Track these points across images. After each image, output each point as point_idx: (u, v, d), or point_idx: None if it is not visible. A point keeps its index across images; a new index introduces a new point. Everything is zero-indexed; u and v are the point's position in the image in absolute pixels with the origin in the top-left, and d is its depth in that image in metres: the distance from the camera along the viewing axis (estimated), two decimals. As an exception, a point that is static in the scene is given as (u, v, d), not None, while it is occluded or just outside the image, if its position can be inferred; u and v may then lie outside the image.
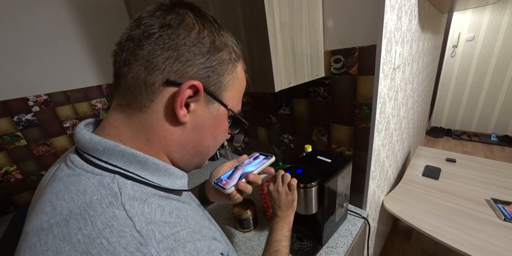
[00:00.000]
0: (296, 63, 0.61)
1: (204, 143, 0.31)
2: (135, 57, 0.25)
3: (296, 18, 0.59)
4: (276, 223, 0.50)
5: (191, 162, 0.33)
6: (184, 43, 0.26)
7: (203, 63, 0.27)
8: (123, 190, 0.23)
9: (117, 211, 0.21)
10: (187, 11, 0.27)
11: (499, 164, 1.22)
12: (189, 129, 0.29)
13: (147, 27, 0.25)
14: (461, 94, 2.82)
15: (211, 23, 0.28)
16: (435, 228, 0.83)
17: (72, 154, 0.27)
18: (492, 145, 2.57)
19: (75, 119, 1.17)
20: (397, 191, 1.06)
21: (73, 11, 1.10)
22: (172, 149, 0.29)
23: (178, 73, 0.26)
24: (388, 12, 0.62)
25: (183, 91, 0.26)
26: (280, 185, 0.53)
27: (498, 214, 0.85)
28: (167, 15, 0.26)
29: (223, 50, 0.29)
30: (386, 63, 0.69)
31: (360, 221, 0.77)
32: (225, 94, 0.30)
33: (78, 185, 0.23)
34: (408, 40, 0.91)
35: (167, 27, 0.26)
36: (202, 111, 0.29)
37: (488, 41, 2.48)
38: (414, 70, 1.15)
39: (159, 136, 0.28)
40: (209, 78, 0.28)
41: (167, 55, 0.25)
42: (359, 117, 0.72)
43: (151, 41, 0.25)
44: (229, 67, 0.30)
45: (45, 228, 0.21)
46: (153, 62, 0.25)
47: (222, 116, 0.31)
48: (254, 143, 1.22)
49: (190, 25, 0.26)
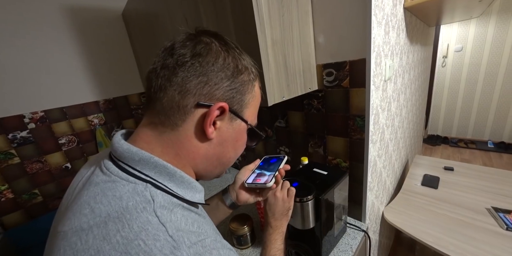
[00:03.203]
0: (289, 77, 0.63)
1: (227, 155, 0.35)
2: (170, 83, 0.28)
3: (287, 35, 0.61)
4: (269, 235, 0.49)
5: (213, 171, 0.37)
6: (213, 69, 0.29)
7: (228, 85, 0.30)
8: (155, 198, 0.25)
9: (150, 217, 0.23)
10: (212, 40, 0.30)
11: (497, 171, 1.22)
12: (215, 143, 0.32)
13: (180, 56, 0.29)
14: (455, 102, 2.88)
15: (233, 50, 0.32)
16: (437, 240, 0.81)
17: (107, 160, 0.29)
18: (490, 152, 2.57)
19: (71, 136, 1.16)
20: (396, 202, 1.05)
21: (71, 29, 1.14)
22: (198, 162, 0.32)
23: (207, 96, 0.29)
24: (376, 28, 0.65)
25: (212, 112, 0.29)
26: (278, 190, 0.53)
27: (500, 223, 0.84)
28: (197, 45, 0.29)
29: (244, 72, 0.32)
30: (376, 76, 0.71)
31: (360, 234, 0.75)
32: (246, 111, 0.34)
33: (114, 191, 0.25)
34: (398, 53, 0.95)
35: (198, 56, 0.29)
36: (227, 127, 0.32)
37: (476, 51, 2.59)
38: (406, 81, 1.18)
39: (187, 151, 0.31)
40: (233, 99, 0.31)
41: (199, 81, 0.28)
42: (353, 129, 0.72)
43: (184, 69, 0.28)
44: (249, 87, 0.33)
45: (85, 228, 0.22)
46: (186, 87, 0.28)
47: (242, 130, 0.35)
48: (252, 156, 1.21)
49: (217, 53, 0.30)
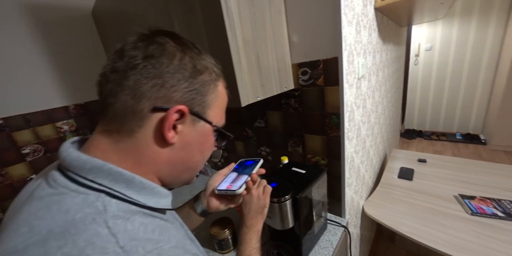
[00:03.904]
0: (263, 77, 0.62)
1: (193, 159, 0.34)
2: (121, 88, 0.27)
3: (260, 34, 0.61)
4: (244, 235, 0.48)
5: (180, 177, 0.35)
6: (168, 71, 0.28)
7: (187, 87, 0.29)
8: (108, 208, 0.24)
9: (100, 229, 0.22)
10: (167, 40, 0.29)
11: (464, 161, 1.31)
12: (178, 148, 0.31)
13: (131, 58, 0.27)
14: (427, 98, 3.06)
15: (190, 49, 0.30)
16: (412, 229, 0.85)
17: (54, 171, 0.27)
18: (458, 143, 2.77)
19: (37, 145, 1.07)
20: (375, 195, 1.09)
21: (35, 28, 1.05)
22: (161, 168, 0.31)
23: (165, 99, 0.28)
24: (346, 27, 0.66)
25: (170, 116, 0.27)
26: (254, 187, 0.52)
27: (465, 209, 0.90)
28: (149, 46, 0.28)
29: (204, 72, 0.31)
30: (349, 74, 0.72)
31: (340, 230, 0.77)
32: (209, 112, 0.32)
33: (60, 204, 0.23)
34: (371, 51, 0.98)
35: (151, 57, 0.27)
36: (189, 130, 0.31)
37: (443, 50, 2.78)
38: (380, 79, 1.23)
39: (148, 157, 0.29)
40: (193, 100, 0.30)
41: (153, 83, 0.27)
42: (330, 127, 0.73)
43: (136, 71, 0.27)
44: (211, 87, 0.32)
45: (20, 249, 0.20)
46: (140, 91, 0.27)
47: (207, 132, 0.34)
48: (233, 157, 1.20)
49: (171, 53, 0.28)
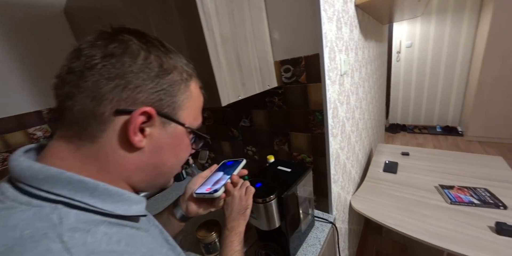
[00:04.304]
0: (244, 75, 0.61)
1: (166, 163, 0.32)
2: (79, 90, 0.25)
3: (239, 32, 0.59)
4: (225, 238, 0.47)
5: (154, 182, 0.33)
6: (131, 70, 0.26)
7: (153, 87, 0.27)
8: (64, 220, 0.22)
9: (53, 244, 0.20)
10: (131, 38, 0.27)
11: (444, 152, 1.37)
12: (148, 152, 0.29)
13: (89, 58, 0.25)
14: (409, 93, 3.18)
15: (157, 47, 0.29)
16: (397, 221, 0.87)
17: (3, 183, 0.25)
18: (438, 135, 2.91)
19: (6, 153, 0.99)
20: (362, 190, 1.11)
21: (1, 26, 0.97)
22: (130, 174, 0.29)
23: (129, 101, 0.26)
24: (326, 23, 0.66)
25: (135, 118, 0.26)
26: (237, 188, 0.51)
27: (445, 198, 0.94)
28: (109, 44, 0.26)
29: (173, 72, 0.29)
30: (332, 70, 0.72)
31: (328, 226, 0.77)
32: (181, 113, 0.31)
33: (7, 220, 0.21)
34: (353, 48, 0.99)
35: (111, 56, 0.25)
36: (159, 133, 0.29)
37: (422, 47, 2.89)
38: (363, 75, 1.25)
39: (114, 163, 0.27)
40: (161, 101, 0.28)
41: (114, 84, 0.25)
42: (314, 124, 0.73)
43: (95, 72, 0.25)
44: (181, 87, 0.30)
45: None
46: (100, 92, 0.25)
47: (180, 134, 0.32)
48: (220, 158, 1.18)
49: (135, 52, 0.26)
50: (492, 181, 1.02)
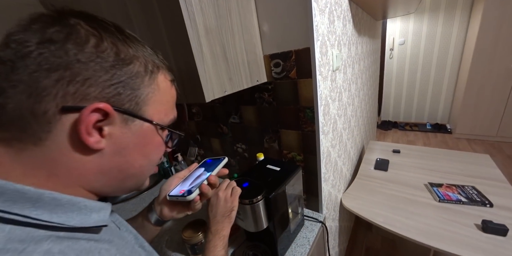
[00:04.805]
0: (231, 70, 0.57)
1: (134, 164, 0.29)
2: (10, 84, 0.21)
3: (224, 22, 0.55)
4: (209, 242, 0.44)
5: (122, 186, 0.30)
6: (77, 59, 0.22)
7: (108, 80, 0.24)
8: None
9: None
10: (78, 21, 0.23)
11: (433, 150, 1.38)
12: (109, 154, 0.25)
13: (20, 44, 0.21)
14: (401, 90, 3.21)
15: (111, 34, 0.25)
16: (387, 219, 0.87)
17: None
18: (428, 133, 2.97)
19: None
20: (353, 187, 1.11)
21: None
22: (90, 179, 0.26)
23: (78, 96, 0.22)
24: (318, 15, 0.63)
25: (85, 117, 0.22)
26: (222, 189, 0.48)
27: (434, 196, 0.94)
28: (48, 28, 0.22)
29: (133, 62, 0.26)
30: (323, 65, 0.70)
31: (317, 225, 0.76)
32: (147, 109, 0.28)
33: None
34: (346, 43, 0.96)
35: (49, 42, 0.21)
36: (122, 132, 0.26)
37: (414, 44, 2.90)
38: (356, 71, 1.23)
39: (67, 168, 0.24)
40: (120, 96, 0.25)
41: (57, 77, 0.21)
42: (304, 121, 0.71)
43: (30, 62, 0.21)
44: (145, 79, 0.27)
45: None
46: (39, 87, 0.21)
47: (149, 132, 0.29)
48: (209, 155, 1.14)
49: (82, 38, 0.23)
50: (480, 178, 1.03)
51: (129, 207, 1.04)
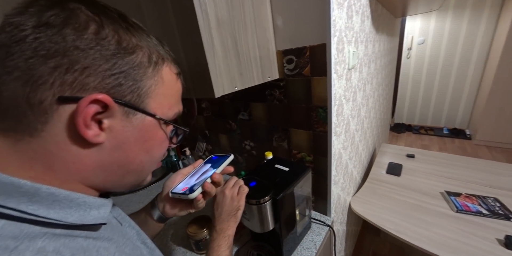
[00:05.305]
0: (242, 64, 0.55)
1: (135, 160, 0.27)
2: (5, 70, 0.20)
3: (237, 14, 0.53)
4: (213, 241, 0.43)
5: (122, 182, 0.28)
6: (76, 46, 0.20)
7: (108, 69, 0.22)
8: None
9: None
10: (79, 6, 0.22)
11: (451, 156, 1.31)
12: (109, 148, 0.24)
13: (16, 28, 0.19)
14: (417, 92, 3.07)
15: (114, 21, 0.23)
16: (397, 227, 0.83)
17: None
18: (445, 138, 2.82)
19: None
20: (363, 191, 1.06)
21: None
22: (89, 174, 0.24)
23: (76, 86, 0.21)
24: (336, 10, 0.59)
25: (83, 108, 0.21)
26: (229, 187, 0.47)
27: (451, 206, 0.89)
28: (46, 12, 0.20)
29: (136, 51, 0.24)
30: (339, 63, 0.66)
31: (325, 229, 0.73)
32: (150, 101, 0.26)
33: None
34: (363, 40, 0.92)
35: (45, 26, 0.20)
36: (122, 125, 0.24)
37: (435, 44, 2.75)
38: (372, 71, 1.18)
39: (64, 162, 0.22)
40: (121, 87, 0.23)
41: (54, 64, 0.20)
42: (316, 121, 0.68)
43: (25, 47, 0.19)
44: (148, 71, 0.25)
45: None
46: (35, 74, 0.19)
47: (151, 127, 0.27)
48: (217, 150, 1.14)
49: (82, 24, 0.21)
50: (502, 189, 0.96)
51: (136, 199, 1.05)
